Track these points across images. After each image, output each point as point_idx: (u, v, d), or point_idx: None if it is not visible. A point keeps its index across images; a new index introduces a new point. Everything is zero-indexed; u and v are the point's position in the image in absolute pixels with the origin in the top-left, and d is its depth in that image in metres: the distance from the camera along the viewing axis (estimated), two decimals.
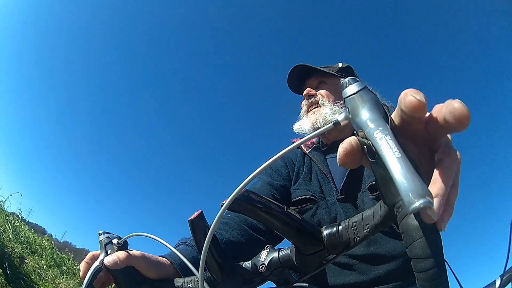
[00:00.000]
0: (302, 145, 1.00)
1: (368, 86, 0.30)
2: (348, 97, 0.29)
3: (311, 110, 1.02)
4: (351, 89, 0.29)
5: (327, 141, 1.01)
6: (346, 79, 0.30)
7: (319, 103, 1.00)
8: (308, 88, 1.04)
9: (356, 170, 0.86)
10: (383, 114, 0.27)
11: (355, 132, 0.30)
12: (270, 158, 0.29)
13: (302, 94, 1.06)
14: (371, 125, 0.26)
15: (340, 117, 0.30)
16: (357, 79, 0.30)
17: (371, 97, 0.28)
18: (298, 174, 0.96)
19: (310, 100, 1.03)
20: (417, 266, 0.29)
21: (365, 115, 0.27)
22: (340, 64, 1.09)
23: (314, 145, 1.01)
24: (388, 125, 0.26)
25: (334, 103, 0.99)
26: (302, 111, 1.06)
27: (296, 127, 1.02)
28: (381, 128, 0.25)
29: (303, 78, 1.09)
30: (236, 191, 0.30)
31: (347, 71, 1.07)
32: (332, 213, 0.85)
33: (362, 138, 0.28)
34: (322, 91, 1.02)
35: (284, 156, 1.00)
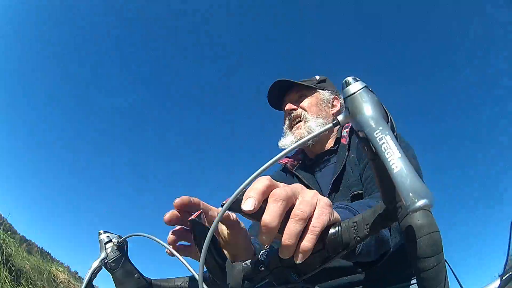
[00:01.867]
0: (288, 165, 0.99)
1: (368, 86, 0.29)
2: (349, 97, 0.28)
3: (294, 125, 1.01)
4: (352, 88, 0.28)
5: (312, 155, 1.00)
6: (346, 78, 0.29)
7: (302, 117, 0.99)
8: (289, 104, 1.02)
9: (340, 181, 0.86)
10: (384, 114, 0.27)
11: (355, 132, 0.30)
12: (268, 160, 0.29)
13: (282, 110, 1.04)
14: (371, 124, 0.26)
15: (340, 117, 0.29)
16: (357, 78, 0.29)
17: (371, 97, 0.28)
18: None
19: (292, 115, 1.01)
20: (418, 265, 0.29)
21: (366, 114, 0.27)
22: (318, 77, 1.07)
23: (300, 162, 0.99)
24: (388, 125, 0.26)
25: (317, 116, 0.98)
26: (285, 126, 1.04)
27: (281, 143, 1.00)
28: (381, 128, 0.25)
29: (282, 94, 1.06)
30: (236, 192, 0.30)
31: (326, 83, 1.06)
32: None
33: (362, 137, 0.28)
34: (304, 105, 1.01)
35: (273, 179, 1.00)
